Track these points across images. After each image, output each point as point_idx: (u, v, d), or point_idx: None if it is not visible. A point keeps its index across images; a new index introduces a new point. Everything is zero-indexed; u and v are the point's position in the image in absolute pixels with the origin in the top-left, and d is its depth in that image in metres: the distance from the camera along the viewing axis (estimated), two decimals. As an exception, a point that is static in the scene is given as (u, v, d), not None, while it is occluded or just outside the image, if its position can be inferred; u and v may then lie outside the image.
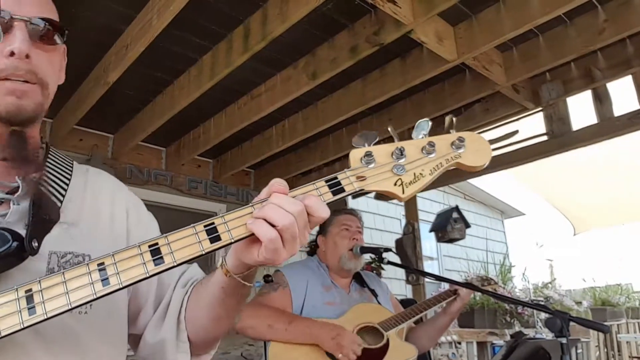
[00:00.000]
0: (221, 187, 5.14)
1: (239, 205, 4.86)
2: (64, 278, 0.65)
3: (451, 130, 0.88)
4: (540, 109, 3.65)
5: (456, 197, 8.23)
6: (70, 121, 3.69)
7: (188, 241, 0.70)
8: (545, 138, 3.65)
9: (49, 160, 0.90)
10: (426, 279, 4.41)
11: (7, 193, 0.79)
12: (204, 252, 0.70)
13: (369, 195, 5.04)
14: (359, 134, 0.83)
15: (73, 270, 0.66)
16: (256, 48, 2.77)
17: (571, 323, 1.64)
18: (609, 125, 3.35)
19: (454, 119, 0.89)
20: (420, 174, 0.81)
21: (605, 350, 5.60)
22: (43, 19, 0.81)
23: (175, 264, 0.68)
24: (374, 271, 4.71)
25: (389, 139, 0.88)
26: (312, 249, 2.48)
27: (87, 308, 0.80)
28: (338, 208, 2.60)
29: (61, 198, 0.83)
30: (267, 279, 0.81)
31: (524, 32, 2.79)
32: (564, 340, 1.60)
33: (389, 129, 0.88)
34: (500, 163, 3.96)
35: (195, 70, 3.28)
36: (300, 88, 3.26)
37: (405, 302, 2.65)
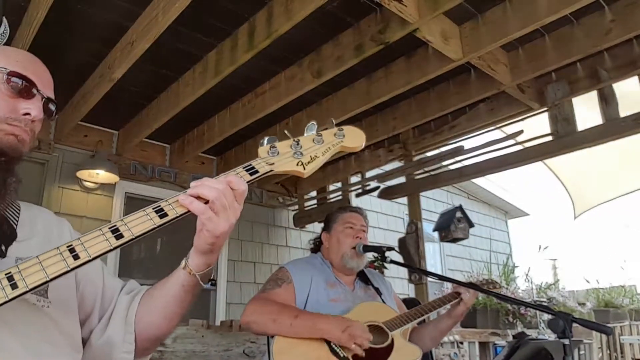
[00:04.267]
0: (225, 184, 5.14)
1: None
2: (39, 260, 0.76)
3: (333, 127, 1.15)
4: (545, 109, 3.63)
5: (460, 197, 8.21)
6: (75, 117, 3.70)
7: (141, 220, 0.85)
8: (550, 138, 3.63)
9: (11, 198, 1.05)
10: (429, 279, 4.41)
11: None
12: (156, 225, 0.85)
13: (372, 194, 5.04)
14: (264, 138, 1.05)
15: (46, 253, 0.77)
16: (261, 46, 2.77)
17: (574, 324, 1.63)
18: (615, 126, 3.33)
19: (333, 120, 1.22)
20: (315, 156, 1.07)
21: (608, 352, 5.58)
22: (50, 99, 1.04)
23: (133, 237, 0.83)
24: (377, 270, 4.71)
25: (395, 137, 0.98)
26: (316, 246, 2.48)
27: (48, 303, 0.92)
28: (344, 206, 2.58)
29: (16, 222, 0.98)
30: (213, 282, 0.92)
31: (529, 32, 2.78)
32: (566, 342, 1.60)
33: (285, 131, 1.09)
34: (504, 163, 3.95)
35: (200, 67, 3.29)
36: (304, 86, 3.26)
37: (407, 302, 2.65)
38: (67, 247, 0.79)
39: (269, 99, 3.55)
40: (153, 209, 0.87)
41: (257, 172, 0.99)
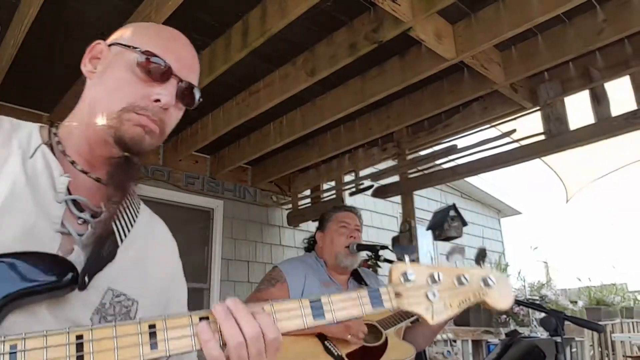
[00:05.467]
0: (218, 183, 5.13)
1: (236, 201, 4.85)
2: (115, 333, 0.67)
3: (481, 262, 0.93)
4: (538, 108, 3.65)
5: (453, 195, 8.23)
6: (66, 116, 3.67)
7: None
8: (542, 137, 3.65)
9: (130, 197, 0.96)
10: (422, 277, 4.42)
11: (91, 215, 0.86)
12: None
13: (366, 192, 5.04)
14: (400, 246, 0.84)
15: (124, 326, 0.68)
16: (255, 44, 2.77)
17: (566, 322, 1.65)
18: (606, 126, 3.35)
19: (487, 251, 0.96)
20: (450, 304, 0.85)
21: (600, 349, 5.63)
22: (191, 84, 0.91)
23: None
24: (370, 269, 4.72)
25: (389, 136, 0.91)
26: (310, 245, 2.48)
27: None
28: (338, 205, 2.58)
29: (123, 238, 0.87)
30: None
31: (523, 31, 2.79)
32: (558, 339, 1.61)
33: (430, 255, 0.87)
34: (497, 162, 3.97)
35: (193, 65, 3.27)
36: (298, 85, 3.26)
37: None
38: (149, 326, 0.68)
39: (263, 97, 3.54)
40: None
41: (381, 304, 0.81)
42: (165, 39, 0.92)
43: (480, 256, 0.94)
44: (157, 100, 0.85)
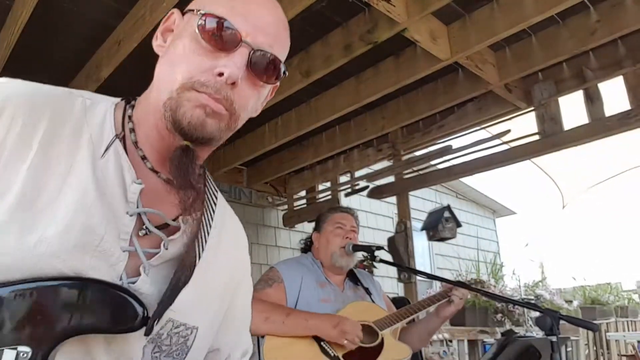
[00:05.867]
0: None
1: (232, 202, 4.85)
2: None
3: None
4: (532, 108, 3.67)
5: (448, 196, 8.25)
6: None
7: None
8: (536, 138, 3.67)
9: (207, 195, 0.83)
10: (418, 277, 4.43)
11: (160, 227, 0.74)
12: None
13: (361, 193, 5.05)
14: None
15: None
16: (250, 45, 2.76)
17: (561, 321, 1.65)
18: (600, 126, 3.37)
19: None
20: None
21: (595, 348, 5.65)
22: (270, 55, 0.74)
23: None
24: (366, 269, 4.73)
25: (384, 137, 0.90)
26: (307, 246, 2.48)
27: None
28: (335, 206, 2.59)
29: (201, 253, 0.76)
30: None
31: (517, 32, 2.80)
32: (554, 339, 1.62)
33: None
34: (491, 162, 3.98)
35: (188, 66, 3.26)
36: (293, 86, 3.26)
37: (397, 300, 2.66)
38: None
39: (257, 98, 3.54)
40: None
41: None
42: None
43: None
44: (221, 75, 0.69)
